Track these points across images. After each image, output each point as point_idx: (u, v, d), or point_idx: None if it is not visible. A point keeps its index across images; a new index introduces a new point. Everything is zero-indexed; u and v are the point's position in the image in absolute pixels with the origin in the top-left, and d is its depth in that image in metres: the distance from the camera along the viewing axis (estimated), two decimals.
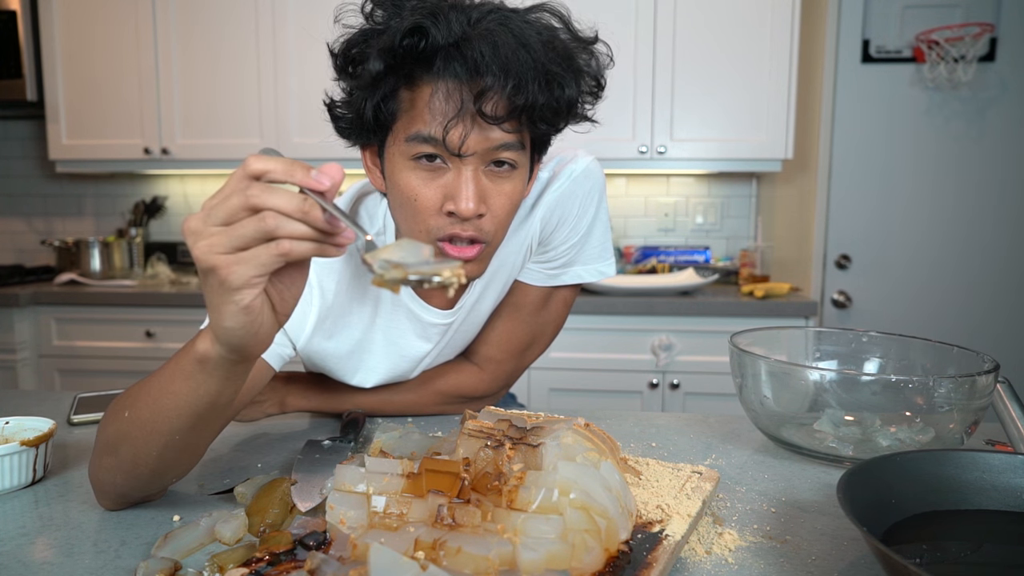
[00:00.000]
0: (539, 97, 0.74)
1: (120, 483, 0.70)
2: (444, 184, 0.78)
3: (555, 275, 1.03)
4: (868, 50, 2.73)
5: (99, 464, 0.70)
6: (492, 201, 0.80)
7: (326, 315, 0.91)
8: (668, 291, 2.44)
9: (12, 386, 2.58)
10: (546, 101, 0.75)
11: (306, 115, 2.65)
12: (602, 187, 1.02)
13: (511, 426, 0.67)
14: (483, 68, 0.72)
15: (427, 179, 0.79)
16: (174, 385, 0.63)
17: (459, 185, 0.77)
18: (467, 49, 0.72)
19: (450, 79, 0.74)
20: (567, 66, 0.77)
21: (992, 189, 2.73)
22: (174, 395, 0.63)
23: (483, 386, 1.07)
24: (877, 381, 0.88)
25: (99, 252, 2.84)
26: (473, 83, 0.74)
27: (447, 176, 0.78)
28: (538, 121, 0.76)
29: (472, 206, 0.77)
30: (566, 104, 0.77)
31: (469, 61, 0.72)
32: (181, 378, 0.62)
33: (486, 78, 0.72)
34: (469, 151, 0.76)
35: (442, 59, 0.74)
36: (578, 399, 2.43)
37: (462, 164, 0.77)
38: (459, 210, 0.77)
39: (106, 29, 2.73)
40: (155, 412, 0.64)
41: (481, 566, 0.51)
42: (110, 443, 0.68)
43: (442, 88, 0.75)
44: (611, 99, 2.53)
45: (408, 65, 0.75)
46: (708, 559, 0.64)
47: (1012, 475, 0.68)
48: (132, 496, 0.72)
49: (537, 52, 0.73)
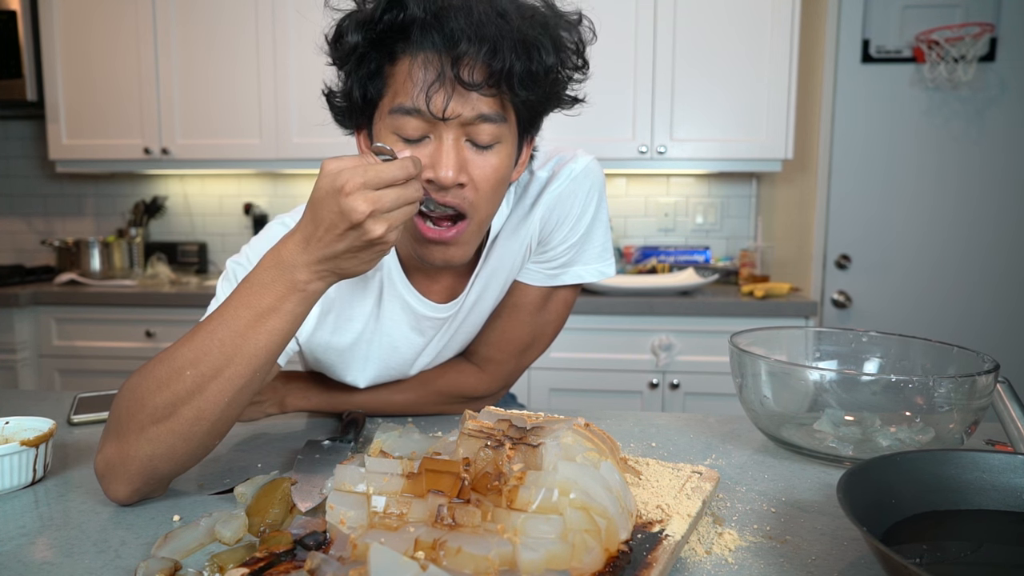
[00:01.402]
0: (516, 63, 0.76)
1: (162, 452, 0.71)
2: (426, 155, 0.80)
3: (555, 275, 1.03)
4: (868, 50, 2.73)
5: (135, 440, 0.71)
6: (475, 172, 0.81)
7: (328, 309, 0.93)
8: (668, 291, 2.44)
9: (12, 386, 2.58)
10: (523, 67, 0.77)
11: (306, 115, 2.65)
12: (602, 187, 1.02)
13: (511, 426, 0.67)
14: (458, 35, 0.75)
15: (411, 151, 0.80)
16: (267, 324, 0.71)
17: (439, 154, 0.79)
18: (443, 19, 0.75)
19: (428, 49, 0.77)
20: (543, 33, 0.79)
21: (992, 189, 2.73)
22: (268, 333, 0.71)
23: (483, 386, 1.07)
24: (877, 381, 0.88)
25: (99, 252, 2.85)
26: (450, 51, 0.76)
27: (429, 146, 0.80)
28: (517, 87, 0.78)
29: (452, 174, 0.79)
30: (544, 70, 0.79)
31: (445, 30, 0.75)
32: (277, 316, 0.71)
33: (461, 45, 0.75)
34: (453, 114, 0.78)
35: (419, 29, 0.77)
36: (578, 399, 2.43)
37: (443, 133, 0.79)
38: (438, 178, 0.79)
39: (106, 29, 2.73)
40: (236, 358, 0.71)
41: (481, 566, 0.51)
42: (161, 409, 0.70)
43: (420, 58, 0.77)
44: (611, 99, 2.54)
45: (388, 39, 0.78)
46: (708, 559, 0.64)
47: (1012, 475, 0.68)
48: (162, 471, 0.73)
49: (513, 19, 0.76)
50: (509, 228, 0.98)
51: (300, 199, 3.06)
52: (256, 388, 0.75)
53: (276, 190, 3.10)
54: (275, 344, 0.72)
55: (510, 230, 0.98)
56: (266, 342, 0.71)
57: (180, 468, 0.75)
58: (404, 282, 0.95)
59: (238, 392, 0.72)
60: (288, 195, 3.09)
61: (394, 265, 0.94)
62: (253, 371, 0.72)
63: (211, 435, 0.74)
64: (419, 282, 0.97)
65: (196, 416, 0.71)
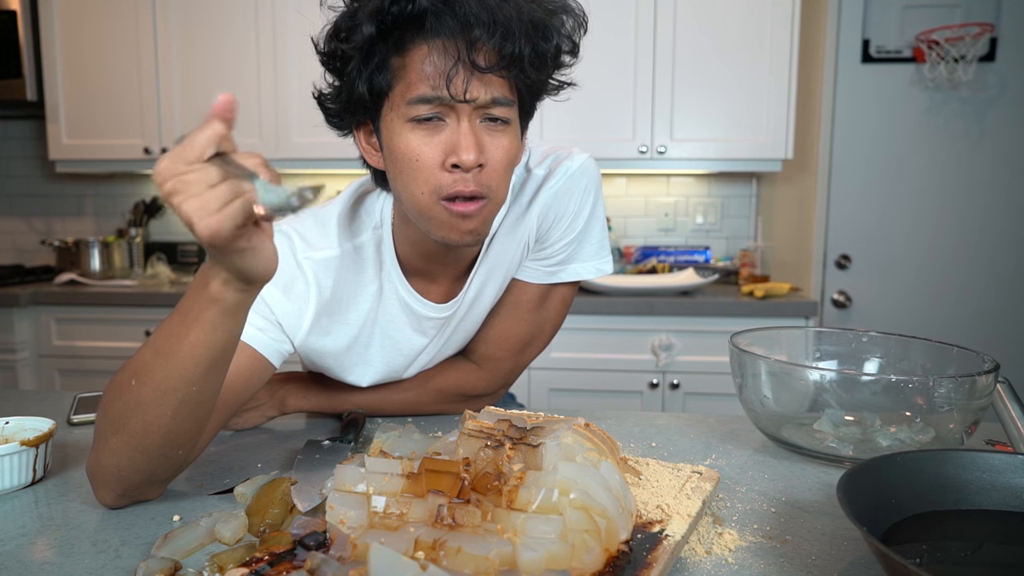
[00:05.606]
0: (525, 47, 0.78)
1: (125, 464, 0.70)
2: (443, 140, 0.81)
3: (553, 272, 1.03)
4: (868, 50, 2.73)
5: (103, 449, 0.70)
6: (490, 153, 0.82)
7: (323, 311, 0.92)
8: (668, 291, 2.44)
9: (12, 386, 2.58)
10: (533, 49, 0.79)
11: (306, 115, 2.65)
12: (598, 184, 1.02)
13: (511, 426, 0.67)
14: (473, 20, 0.76)
15: (427, 138, 0.81)
16: (190, 336, 0.65)
17: (458, 138, 0.80)
18: (456, 5, 0.77)
19: (444, 35, 0.78)
20: (549, 15, 0.82)
21: (992, 189, 2.73)
22: (191, 345, 0.66)
23: (482, 384, 1.07)
24: (877, 381, 0.88)
25: (99, 252, 2.84)
26: (465, 36, 0.77)
27: (445, 132, 0.81)
28: (528, 69, 0.80)
29: (473, 156, 0.79)
30: (551, 53, 0.82)
31: (459, 16, 0.77)
32: (196, 327, 0.65)
33: (475, 30, 0.76)
34: (471, 98, 0.79)
35: (433, 17, 0.78)
36: (578, 399, 2.43)
37: (459, 117, 0.80)
38: (461, 161, 0.79)
39: (106, 29, 2.73)
40: (169, 369, 0.66)
41: (481, 566, 0.51)
42: (117, 419, 0.69)
43: (438, 45, 0.78)
44: (611, 99, 2.54)
45: (398, 29, 0.79)
46: (708, 559, 0.64)
47: (1012, 475, 0.68)
48: (133, 481, 0.72)
49: (521, 5, 0.79)
50: (507, 226, 0.98)
51: None
52: (207, 401, 0.70)
53: None
54: (202, 358, 0.66)
55: (508, 228, 0.98)
56: (190, 354, 0.66)
57: (152, 478, 0.73)
58: (403, 283, 0.95)
59: (179, 405, 0.67)
60: None
61: (393, 267, 0.94)
62: (187, 384, 0.67)
63: (168, 446, 0.70)
64: (418, 283, 0.97)
65: (144, 428, 0.68)
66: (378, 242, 0.94)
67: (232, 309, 0.66)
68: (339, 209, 0.95)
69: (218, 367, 0.69)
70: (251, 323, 0.84)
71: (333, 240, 0.92)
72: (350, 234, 0.94)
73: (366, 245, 0.94)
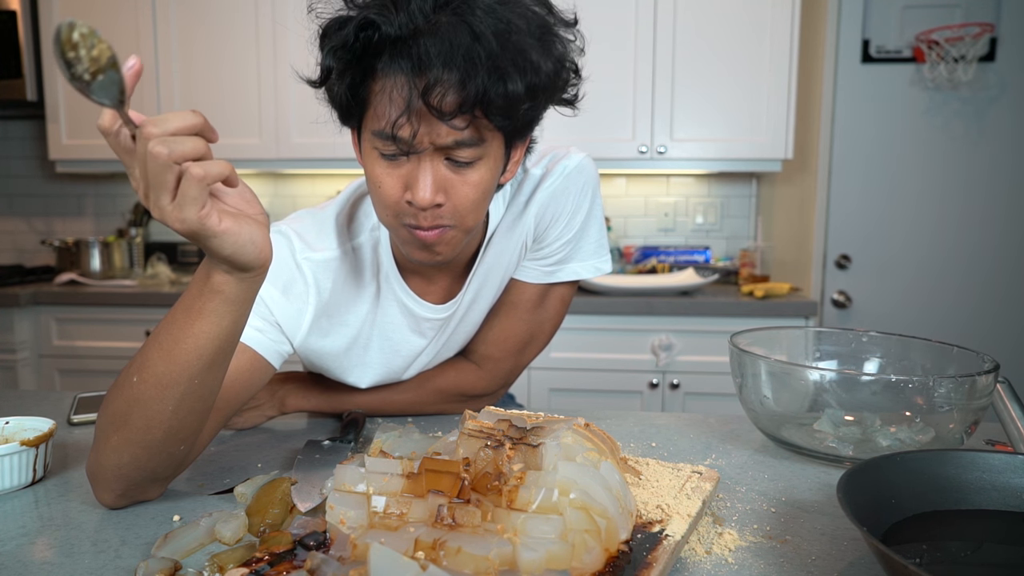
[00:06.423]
0: (490, 90, 0.72)
1: (127, 461, 0.70)
2: (404, 174, 0.80)
3: (551, 272, 1.03)
4: (868, 50, 2.73)
5: (104, 447, 0.70)
6: (454, 191, 0.80)
7: (322, 312, 0.92)
8: (668, 291, 2.44)
9: (12, 386, 2.58)
10: (499, 91, 0.73)
11: (306, 115, 2.65)
12: (595, 183, 1.02)
13: (511, 426, 0.67)
14: (427, 63, 0.71)
15: (389, 169, 0.80)
16: (193, 328, 0.66)
17: (416, 176, 0.78)
18: (413, 44, 0.72)
19: (399, 74, 0.74)
20: (522, 54, 0.74)
21: (992, 189, 2.73)
22: (195, 337, 0.66)
23: (482, 384, 1.07)
24: (877, 381, 0.88)
25: (99, 252, 2.84)
26: (420, 77, 0.72)
27: (407, 167, 0.79)
28: (494, 113, 0.75)
29: (428, 196, 0.78)
30: (522, 95, 0.74)
31: (414, 57, 0.72)
32: (200, 319, 0.66)
33: (431, 72, 0.72)
34: (422, 146, 0.77)
35: (389, 55, 0.74)
36: (578, 399, 2.43)
37: (420, 156, 0.78)
38: (415, 200, 0.78)
39: (105, 29, 2.73)
40: (171, 363, 0.66)
41: (481, 566, 0.51)
42: (118, 416, 0.69)
43: (390, 83, 0.75)
44: (611, 99, 2.54)
45: (368, 56, 0.75)
46: (708, 559, 0.64)
47: (1012, 475, 0.68)
48: (135, 479, 0.72)
49: (488, 42, 0.71)
50: (504, 226, 0.98)
51: (300, 199, 3.07)
52: (208, 396, 0.70)
53: (276, 190, 3.10)
54: (205, 350, 0.67)
55: (505, 228, 0.98)
56: (193, 346, 0.66)
57: (153, 475, 0.73)
58: (401, 285, 0.95)
59: (181, 400, 0.68)
60: (288, 195, 3.09)
61: (391, 268, 0.94)
62: (189, 378, 0.67)
63: (171, 442, 0.70)
64: (416, 284, 0.97)
65: (146, 424, 0.68)
66: (375, 244, 0.94)
67: (234, 298, 0.66)
68: (338, 210, 0.95)
69: (220, 360, 0.69)
70: (250, 324, 0.84)
71: (332, 241, 0.92)
72: (348, 235, 0.94)
73: (364, 246, 0.94)
